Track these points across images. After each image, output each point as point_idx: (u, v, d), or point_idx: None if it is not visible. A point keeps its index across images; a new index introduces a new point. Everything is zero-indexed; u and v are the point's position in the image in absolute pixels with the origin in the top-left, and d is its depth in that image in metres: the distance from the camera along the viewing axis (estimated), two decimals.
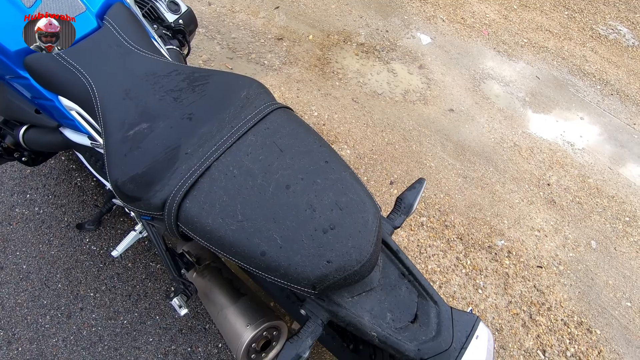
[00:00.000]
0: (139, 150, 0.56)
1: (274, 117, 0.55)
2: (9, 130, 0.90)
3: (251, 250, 0.45)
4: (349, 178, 0.49)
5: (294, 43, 2.01)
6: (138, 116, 0.59)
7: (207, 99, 0.59)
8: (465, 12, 2.33)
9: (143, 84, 0.63)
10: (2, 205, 1.29)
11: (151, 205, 0.51)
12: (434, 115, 1.82)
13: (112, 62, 0.65)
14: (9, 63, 0.65)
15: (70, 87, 0.63)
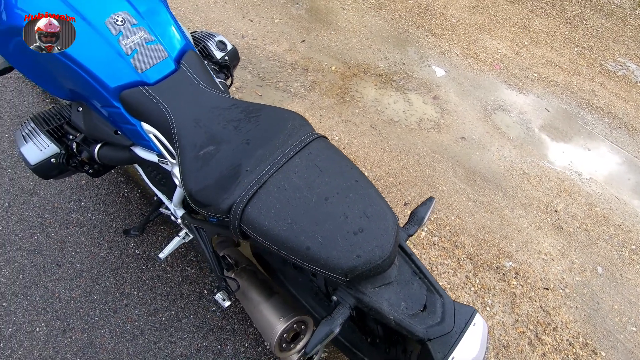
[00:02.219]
0: (208, 167, 0.72)
1: (315, 145, 0.71)
2: (85, 147, 1.09)
3: (298, 246, 0.60)
4: (374, 194, 0.64)
5: (318, 73, 2.21)
6: (206, 140, 0.76)
7: (261, 128, 0.76)
8: (478, 47, 2.51)
9: (210, 115, 0.80)
10: (61, 210, 1.47)
11: (219, 209, 0.67)
12: (446, 143, 1.96)
13: (186, 97, 0.82)
14: (107, 96, 0.83)
15: (153, 116, 0.81)
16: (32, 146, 1.07)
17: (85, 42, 0.79)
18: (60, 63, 0.82)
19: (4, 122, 1.71)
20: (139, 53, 0.81)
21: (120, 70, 0.80)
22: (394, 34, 2.52)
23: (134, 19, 0.82)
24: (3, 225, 1.42)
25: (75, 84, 0.85)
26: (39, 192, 1.52)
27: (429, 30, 2.59)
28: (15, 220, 1.44)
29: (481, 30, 2.67)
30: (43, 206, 1.48)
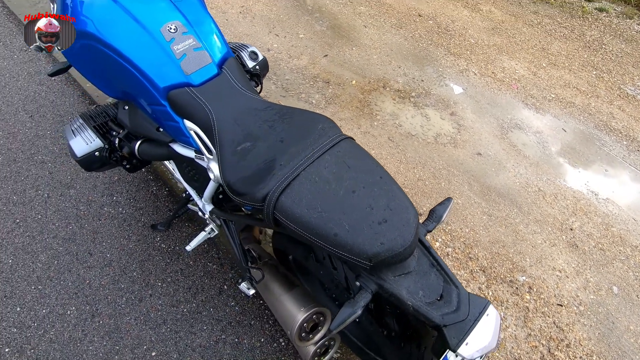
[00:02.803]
0: (245, 160, 0.80)
1: (343, 144, 0.79)
2: (127, 142, 1.19)
3: (327, 232, 0.66)
4: (397, 190, 0.71)
5: (339, 86, 2.31)
6: (244, 137, 0.84)
7: (293, 128, 0.83)
8: (496, 67, 2.58)
9: (247, 115, 0.89)
10: (95, 204, 1.58)
11: (255, 198, 0.74)
12: (462, 158, 2.01)
13: (227, 99, 0.91)
14: (156, 95, 0.93)
15: (197, 114, 0.90)
16: (80, 140, 1.17)
17: (141, 46, 0.89)
18: (118, 64, 0.92)
19: (47, 121, 1.85)
20: (187, 58, 0.91)
21: (170, 72, 0.90)
22: (413, 52, 2.62)
23: (185, 27, 0.92)
24: (42, 215, 1.52)
25: (129, 83, 0.95)
26: (75, 185, 1.63)
27: (448, 50, 2.67)
28: (52, 210, 1.54)
29: (499, 51, 2.74)
30: (78, 199, 1.59)
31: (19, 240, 1.45)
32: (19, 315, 1.28)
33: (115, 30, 0.90)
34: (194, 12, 0.97)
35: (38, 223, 1.50)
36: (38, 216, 1.52)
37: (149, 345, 1.25)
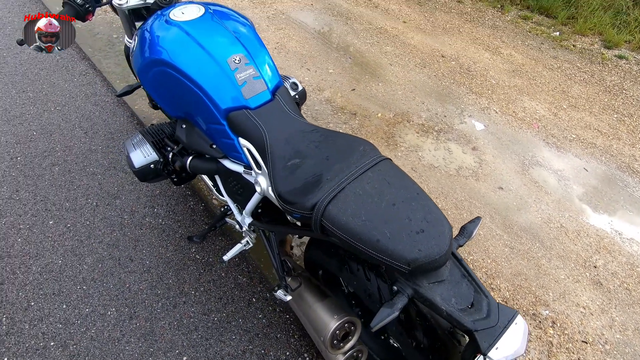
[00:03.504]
0: (295, 174, 0.92)
1: (383, 164, 0.89)
2: (179, 157, 1.33)
3: (370, 239, 0.75)
4: (432, 205, 0.80)
5: (365, 118, 2.45)
6: (293, 154, 0.96)
7: (338, 149, 0.95)
8: (517, 107, 2.69)
9: (296, 136, 1.01)
10: (138, 214, 1.71)
11: (304, 207, 0.84)
12: (484, 191, 2.08)
13: (278, 121, 1.05)
14: (217, 115, 1.07)
15: (252, 133, 1.03)
16: (139, 153, 1.32)
17: (209, 73, 1.04)
18: (187, 87, 1.07)
19: (99, 137, 2.04)
20: (247, 85, 1.06)
21: (232, 97, 1.05)
22: (436, 90, 2.77)
23: (247, 59, 1.08)
24: (90, 222, 1.66)
25: (193, 104, 1.10)
26: (121, 196, 1.78)
27: (470, 89, 2.82)
28: (100, 218, 1.68)
29: (520, 92, 2.86)
30: (123, 208, 1.73)
31: (69, 243, 1.57)
32: (64, 312, 1.38)
33: (187, 58, 1.06)
34: (253, 45, 1.13)
35: (86, 228, 1.63)
36: (86, 222, 1.66)
37: (180, 349, 1.32)
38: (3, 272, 1.46)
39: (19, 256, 1.52)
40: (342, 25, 3.36)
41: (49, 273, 1.48)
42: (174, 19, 1.13)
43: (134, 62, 1.23)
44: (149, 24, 1.19)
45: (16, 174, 1.80)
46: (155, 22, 1.17)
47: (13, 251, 1.53)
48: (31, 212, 1.66)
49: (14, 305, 1.38)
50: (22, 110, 2.11)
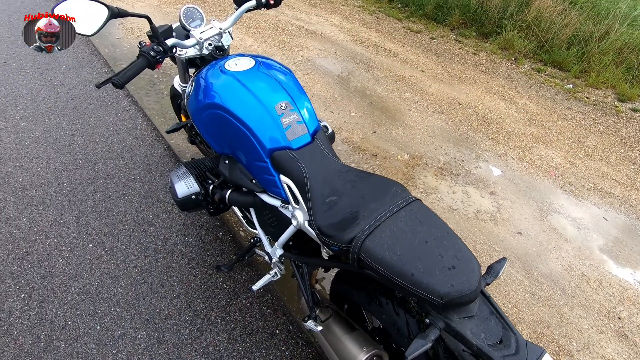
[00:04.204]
0: (333, 210, 1.01)
1: (415, 204, 0.98)
2: (219, 190, 1.45)
3: (405, 272, 0.82)
4: (462, 244, 0.88)
5: (385, 160, 2.57)
6: (331, 192, 1.07)
7: (372, 188, 1.05)
8: (533, 154, 2.78)
9: (333, 175, 1.12)
10: (170, 242, 1.81)
11: (343, 240, 0.93)
12: (503, 235, 2.12)
13: (317, 162, 1.16)
14: (262, 154, 1.20)
15: (293, 171, 1.14)
16: (182, 184, 1.45)
17: (259, 117, 1.19)
18: (236, 128, 1.21)
19: (138, 167, 2.20)
20: (291, 128, 1.19)
21: (277, 138, 1.18)
22: (454, 135, 2.90)
23: (291, 105, 1.22)
24: (126, 246, 1.77)
25: (241, 143, 1.24)
26: (155, 224, 1.89)
27: (487, 135, 2.94)
28: (135, 243, 1.78)
29: (536, 140, 2.97)
30: (157, 235, 1.83)
31: (106, 266, 1.67)
32: (98, 333, 1.44)
33: (240, 104, 1.21)
34: (296, 93, 1.27)
35: (122, 253, 1.74)
36: (123, 247, 1.76)
37: None
38: (45, 291, 1.56)
39: (60, 276, 1.62)
40: (364, 72, 3.59)
41: (86, 294, 1.57)
42: (229, 69, 1.29)
43: (188, 104, 1.40)
44: (205, 72, 1.36)
45: (62, 199, 1.95)
46: (211, 71, 1.34)
47: (55, 271, 1.63)
48: (73, 235, 1.78)
49: (52, 324, 1.46)
50: (70, 140, 2.31)
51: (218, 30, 1.45)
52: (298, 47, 3.85)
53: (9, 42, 3.15)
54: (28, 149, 2.20)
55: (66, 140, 2.31)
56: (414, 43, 4.36)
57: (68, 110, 2.55)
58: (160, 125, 2.54)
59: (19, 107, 2.50)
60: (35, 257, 1.67)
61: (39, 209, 1.89)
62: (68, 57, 3.12)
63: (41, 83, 2.76)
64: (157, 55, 1.21)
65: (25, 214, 1.85)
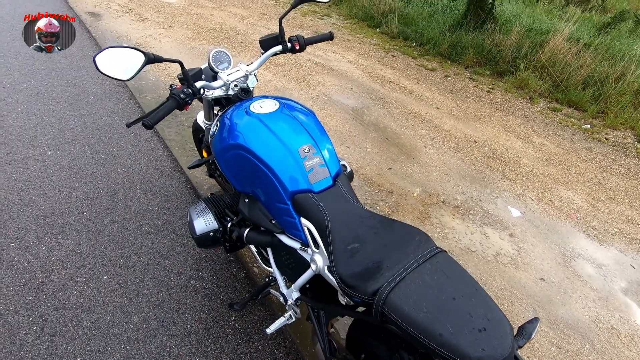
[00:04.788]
0: (355, 258, 0.99)
1: (440, 256, 0.96)
2: (237, 228, 1.44)
3: (433, 332, 0.79)
4: (492, 303, 0.84)
5: (401, 197, 2.55)
6: (353, 239, 1.05)
7: (395, 236, 1.03)
8: (553, 195, 2.73)
9: (355, 221, 1.11)
10: (184, 276, 1.80)
11: (366, 292, 0.90)
12: (524, 281, 2.04)
13: (339, 206, 1.16)
14: (284, 196, 1.20)
15: (314, 215, 1.14)
16: (201, 221, 1.45)
17: (282, 160, 1.20)
18: (258, 169, 1.23)
19: (156, 198, 2.23)
20: (313, 171, 1.20)
21: (299, 181, 1.19)
22: (470, 174, 2.88)
23: (314, 149, 1.23)
24: (140, 279, 1.76)
25: (262, 184, 1.25)
26: (170, 257, 1.89)
27: (504, 175, 2.91)
28: (149, 277, 1.77)
29: (555, 180, 2.92)
30: (171, 269, 1.82)
31: (119, 300, 1.66)
32: None
33: (264, 146, 1.23)
34: (319, 136, 1.29)
35: (136, 286, 1.72)
36: (137, 280, 1.75)
37: None
38: (57, 324, 1.54)
39: (73, 309, 1.61)
40: (380, 108, 3.65)
41: (97, 329, 1.54)
42: (254, 111, 1.33)
43: (213, 143, 1.43)
44: (230, 113, 1.40)
45: (80, 228, 1.97)
46: (236, 112, 1.38)
47: (68, 303, 1.62)
48: (89, 266, 1.79)
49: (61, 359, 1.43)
50: (93, 169, 2.37)
51: (244, 73, 1.50)
52: (315, 82, 3.96)
53: (44, 73, 3.34)
54: (52, 177, 2.26)
55: (89, 169, 2.37)
56: (429, 80, 4.45)
57: (93, 140, 2.63)
58: (180, 157, 2.60)
59: (47, 135, 2.60)
60: (51, 288, 1.67)
61: (58, 237, 1.91)
62: (97, 89, 3.27)
63: (70, 113, 2.88)
64: (187, 97, 1.26)
65: (44, 243, 1.87)
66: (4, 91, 2.99)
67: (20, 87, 3.08)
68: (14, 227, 1.93)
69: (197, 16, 5.32)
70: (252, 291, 1.76)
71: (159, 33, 4.56)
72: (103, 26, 4.49)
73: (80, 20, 4.60)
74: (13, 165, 2.30)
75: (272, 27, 5.34)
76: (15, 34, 3.89)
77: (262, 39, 1.56)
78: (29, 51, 3.59)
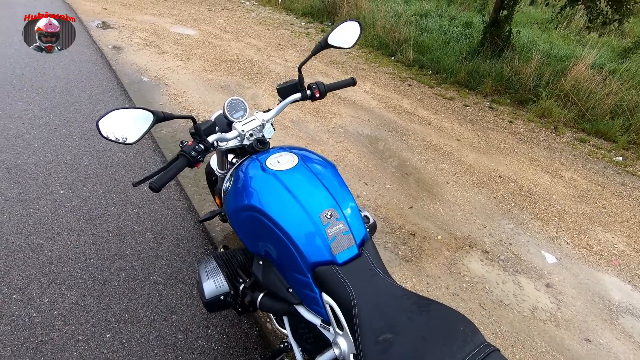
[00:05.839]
0: (388, 354, 0.84)
1: (493, 358, 0.79)
2: (250, 292, 1.30)
3: None
4: None
5: (424, 240, 2.37)
6: (384, 326, 0.89)
7: (434, 326, 0.87)
8: (590, 238, 2.50)
9: (385, 302, 0.95)
10: (191, 334, 1.65)
11: None
12: (568, 342, 1.82)
13: (366, 281, 1.01)
14: (303, 267, 1.06)
15: (338, 291, 0.99)
16: (211, 283, 1.32)
17: (300, 225, 1.06)
18: (275, 234, 1.09)
19: (167, 243, 2.12)
20: (336, 240, 1.06)
21: (321, 251, 1.04)
22: (498, 213, 2.68)
23: (338, 214, 1.09)
24: (145, 338, 1.62)
25: (279, 251, 1.11)
26: (178, 311, 1.75)
27: (534, 214, 2.70)
28: (155, 335, 1.64)
29: (590, 221, 2.70)
30: (178, 326, 1.68)
31: None
32: None
33: (281, 210, 1.10)
34: (342, 197, 1.15)
35: (140, 347, 1.58)
36: (141, 339, 1.61)
37: None
38: None
39: None
40: (398, 141, 3.53)
41: None
42: (271, 167, 1.21)
43: (226, 201, 1.31)
44: (245, 167, 1.29)
45: (86, 277, 1.87)
46: (251, 167, 1.26)
47: None
48: (92, 322, 1.66)
49: None
50: (104, 210, 2.29)
51: (260, 122, 1.40)
52: (331, 114, 3.89)
53: (63, 108, 3.35)
54: (62, 219, 2.19)
55: (100, 210, 2.30)
56: (447, 110, 4.32)
57: (106, 178, 2.57)
58: (193, 195, 2.50)
59: (60, 173, 2.56)
60: (50, 348, 1.55)
61: (63, 288, 1.80)
62: None
63: (85, 149, 2.85)
64: (198, 155, 1.15)
65: (47, 294, 1.76)
66: (23, 127, 3.00)
67: (39, 122, 3.09)
68: (18, 275, 1.83)
69: (214, 47, 5.40)
70: (265, 355, 1.59)
71: (177, 65, 4.61)
72: (123, 59, 4.58)
73: (102, 54, 4.71)
74: (24, 206, 2.24)
75: (287, 57, 5.36)
76: (39, 68, 3.98)
77: (280, 87, 1.46)
78: (51, 84, 3.64)
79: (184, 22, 6.59)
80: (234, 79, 4.40)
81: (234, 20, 7.20)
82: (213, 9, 7.89)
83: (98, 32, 5.43)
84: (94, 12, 6.44)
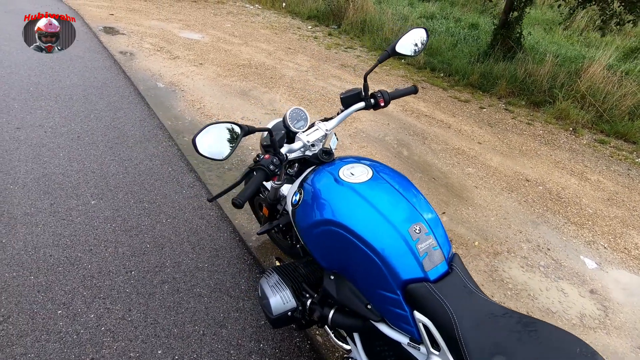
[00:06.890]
0: None
1: None
2: (319, 307, 1.26)
3: None
4: None
5: (462, 246, 2.34)
6: (493, 347, 0.86)
7: (548, 349, 0.83)
8: (627, 242, 2.48)
9: (488, 321, 0.92)
10: (244, 349, 1.61)
11: None
12: (621, 350, 1.79)
13: (463, 299, 0.97)
14: (393, 284, 1.02)
15: (435, 310, 0.95)
16: (279, 299, 1.28)
17: (391, 242, 1.02)
18: (361, 252, 1.05)
19: (205, 253, 2.08)
20: (428, 256, 1.02)
21: (413, 268, 1.00)
22: (530, 218, 2.66)
23: (426, 228, 1.06)
24: (197, 354, 1.57)
25: (363, 268, 1.07)
26: (227, 325, 1.71)
27: (567, 218, 2.68)
28: (207, 350, 1.59)
29: (624, 224, 2.68)
30: (229, 341, 1.64)
31: None
32: None
33: (364, 223, 1.05)
34: (427, 211, 1.11)
35: None
36: (194, 355, 1.57)
37: None
38: None
39: None
40: (420, 145, 3.50)
41: None
42: (345, 180, 1.17)
43: (297, 215, 1.26)
44: (313, 179, 1.25)
45: (130, 290, 1.82)
46: (323, 180, 1.22)
47: None
48: (141, 337, 1.61)
49: None
50: (138, 221, 2.24)
51: (324, 132, 1.37)
52: (350, 118, 3.85)
53: (83, 115, 3.30)
54: (97, 231, 2.14)
55: (134, 220, 2.25)
56: (464, 113, 4.31)
57: (135, 187, 2.52)
58: (224, 204, 2.46)
59: (89, 183, 2.50)
60: None
61: (107, 302, 1.75)
62: (135, 131, 3.20)
63: (111, 157, 2.80)
64: (276, 168, 1.12)
65: (92, 309, 1.71)
66: (46, 136, 2.94)
67: (61, 130, 3.04)
68: (61, 290, 1.78)
69: (225, 52, 5.36)
70: None
71: (191, 71, 4.56)
72: (136, 65, 4.52)
73: (115, 60, 4.65)
74: (57, 218, 2.19)
75: (299, 61, 5.33)
76: (54, 75, 3.91)
77: (343, 95, 1.43)
78: (68, 92, 3.58)
79: (191, 27, 6.54)
80: (249, 84, 4.36)
81: (240, 24, 7.16)
82: (218, 13, 7.84)
83: (107, 38, 5.37)
84: (101, 17, 6.38)
